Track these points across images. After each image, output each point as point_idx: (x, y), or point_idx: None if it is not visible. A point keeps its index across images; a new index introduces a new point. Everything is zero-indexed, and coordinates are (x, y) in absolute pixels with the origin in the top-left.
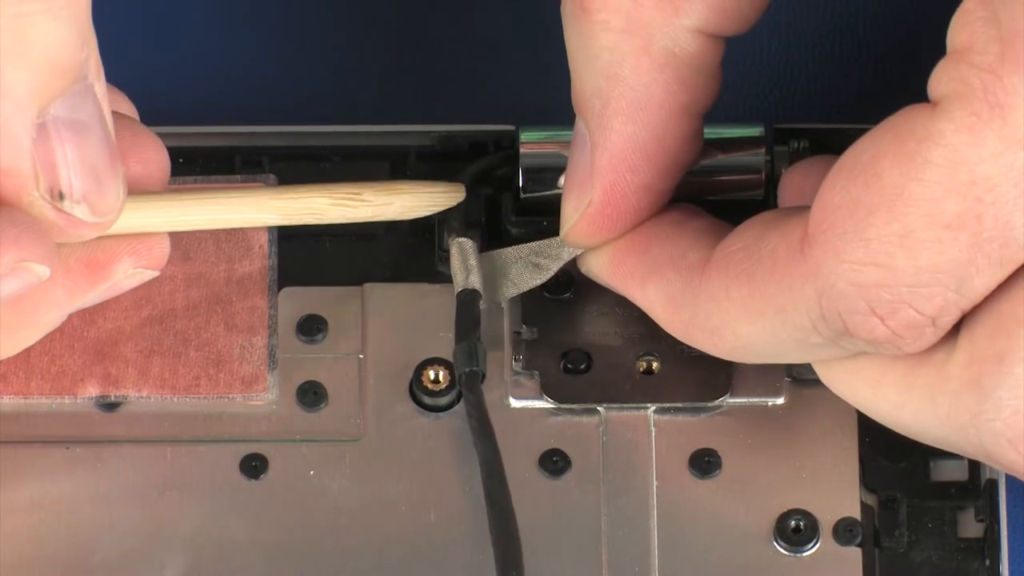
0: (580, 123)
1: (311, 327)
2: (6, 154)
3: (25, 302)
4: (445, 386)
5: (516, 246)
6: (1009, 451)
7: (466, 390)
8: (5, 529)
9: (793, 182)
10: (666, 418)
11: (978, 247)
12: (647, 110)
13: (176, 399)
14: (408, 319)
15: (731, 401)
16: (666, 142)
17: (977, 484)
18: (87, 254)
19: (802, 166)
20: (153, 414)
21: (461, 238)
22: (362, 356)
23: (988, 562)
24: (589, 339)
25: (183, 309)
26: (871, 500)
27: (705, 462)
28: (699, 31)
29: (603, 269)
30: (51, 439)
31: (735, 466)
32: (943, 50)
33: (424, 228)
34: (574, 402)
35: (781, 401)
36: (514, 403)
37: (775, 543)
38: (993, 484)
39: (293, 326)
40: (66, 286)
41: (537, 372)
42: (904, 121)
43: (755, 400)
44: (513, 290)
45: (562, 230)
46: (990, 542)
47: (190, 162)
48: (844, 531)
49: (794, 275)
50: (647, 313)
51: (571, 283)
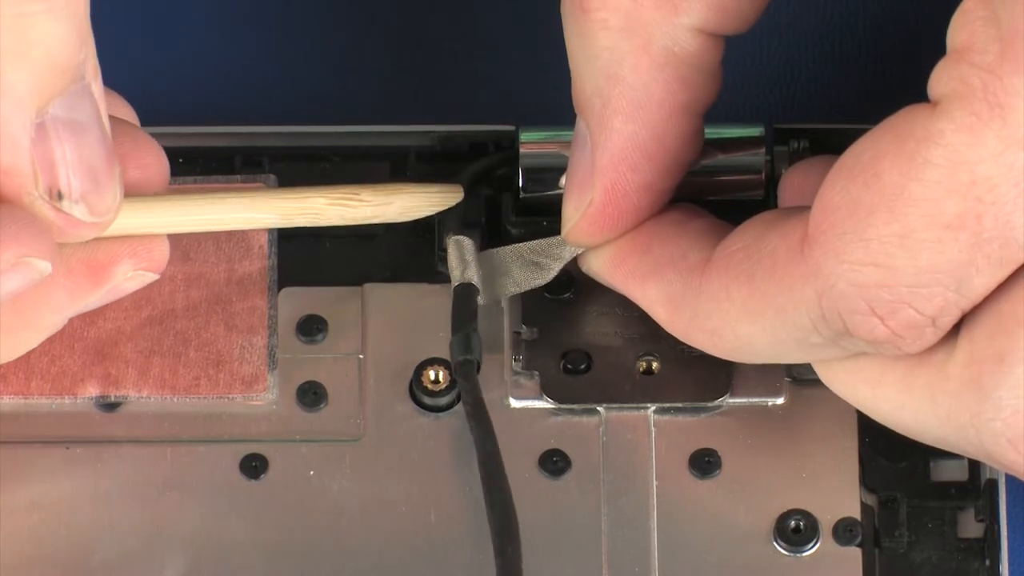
0: (581, 123)
1: (311, 327)
2: (5, 153)
3: (26, 303)
4: (445, 386)
5: (516, 244)
6: (1009, 451)
7: (461, 378)
8: (5, 529)
9: (793, 182)
10: (666, 418)
11: (978, 247)
12: (647, 109)
13: (176, 399)
14: (408, 319)
15: (731, 401)
16: (666, 141)
17: (977, 484)
18: (87, 256)
19: (802, 166)
20: (153, 414)
21: (458, 236)
22: (362, 356)
23: (988, 562)
24: (589, 339)
25: (183, 309)
26: (871, 500)
27: (705, 462)
28: (699, 30)
29: (604, 269)
30: (51, 439)
31: (735, 466)
32: (943, 50)
33: (424, 228)
34: (574, 402)
35: (781, 401)
36: (514, 403)
37: (775, 543)
38: (993, 484)
39: (293, 326)
40: (67, 288)
41: (537, 372)
42: (904, 121)
43: (755, 400)
44: (514, 288)
45: (563, 230)
46: (990, 542)
47: (190, 162)
48: (844, 531)
49: (794, 275)
50: (647, 313)
51: (571, 283)
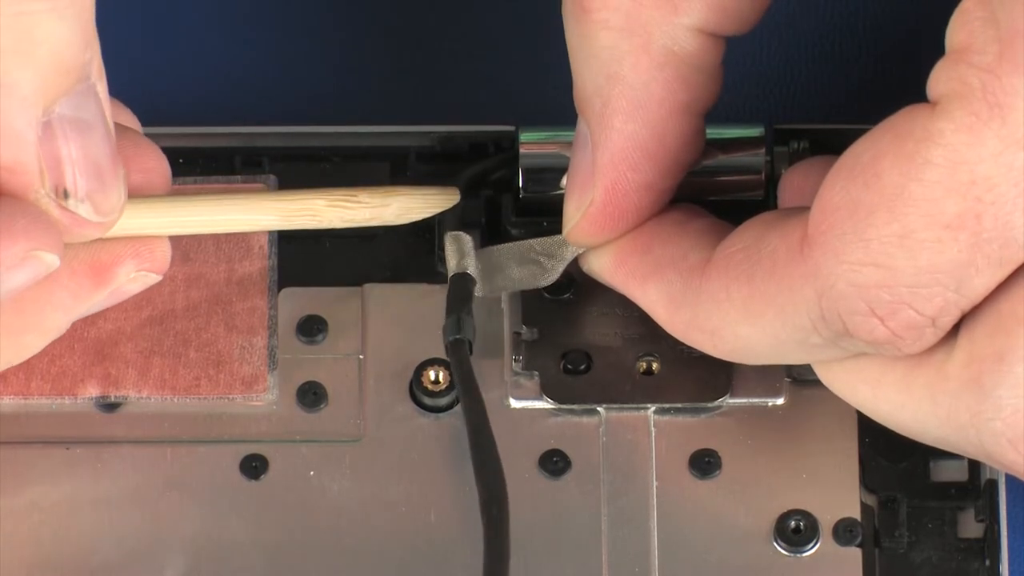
0: (582, 123)
1: (311, 327)
2: (12, 152)
3: (29, 304)
4: (445, 386)
5: (516, 242)
6: (1009, 451)
7: (451, 356)
8: (5, 530)
9: (793, 182)
10: (666, 418)
11: (978, 247)
12: (647, 108)
13: (176, 400)
14: (408, 319)
15: (731, 401)
16: (667, 141)
17: (977, 484)
18: (90, 257)
19: (802, 166)
20: (153, 415)
21: (456, 231)
22: (362, 356)
23: (988, 562)
24: (589, 339)
25: (183, 310)
26: (871, 500)
27: (705, 462)
28: (699, 30)
29: (605, 269)
30: (51, 440)
31: (735, 466)
32: (943, 50)
33: (424, 229)
34: (574, 402)
35: (781, 401)
36: (514, 403)
37: (775, 543)
38: (993, 484)
39: (293, 327)
40: (70, 289)
41: (537, 372)
42: (903, 121)
43: (755, 400)
44: (513, 285)
45: (564, 230)
46: (990, 542)
47: (190, 163)
48: (844, 531)
49: (794, 276)
50: (648, 313)
51: (571, 283)
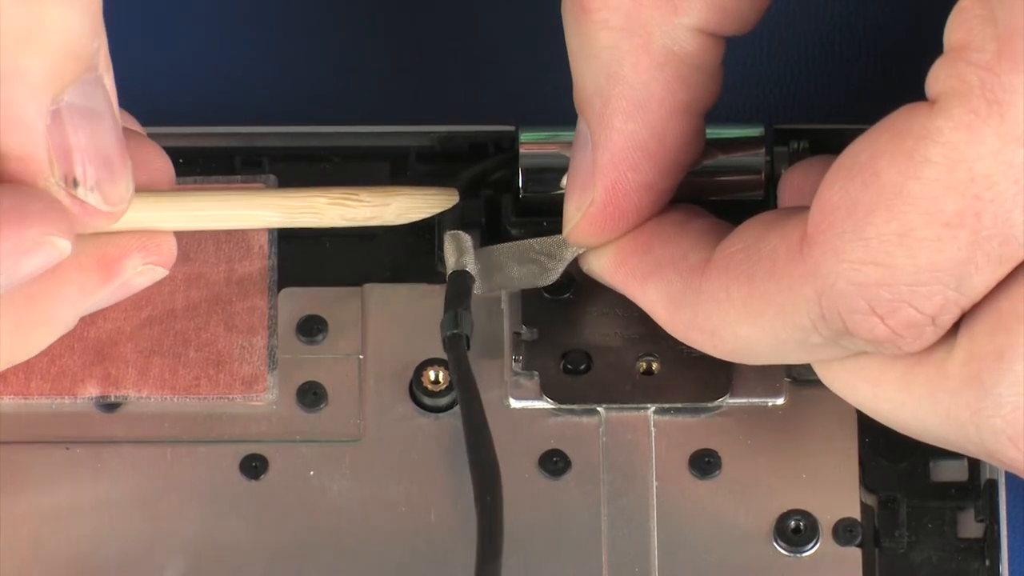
0: (582, 123)
1: (311, 327)
2: (21, 139)
3: (38, 296)
4: (445, 387)
5: (516, 241)
6: (1009, 448)
7: (448, 350)
8: (5, 530)
9: (793, 182)
10: (666, 418)
11: (977, 245)
12: (647, 108)
13: (176, 399)
14: (408, 319)
15: (731, 401)
16: (667, 140)
17: (977, 484)
18: (97, 250)
19: (802, 166)
20: (153, 414)
21: (455, 230)
22: (362, 356)
23: (988, 562)
24: (589, 339)
25: (183, 310)
26: (871, 500)
27: (705, 462)
28: (699, 30)
29: (605, 269)
30: (51, 439)
31: (735, 466)
32: (942, 49)
33: (424, 229)
34: (574, 402)
35: (781, 401)
36: (514, 404)
37: (775, 543)
38: (993, 484)
39: (293, 326)
40: (79, 282)
41: (537, 372)
42: (902, 120)
43: (755, 400)
44: (513, 284)
45: (565, 230)
46: (990, 542)
47: (190, 162)
48: (844, 531)
49: (794, 275)
50: (648, 313)
51: (571, 283)
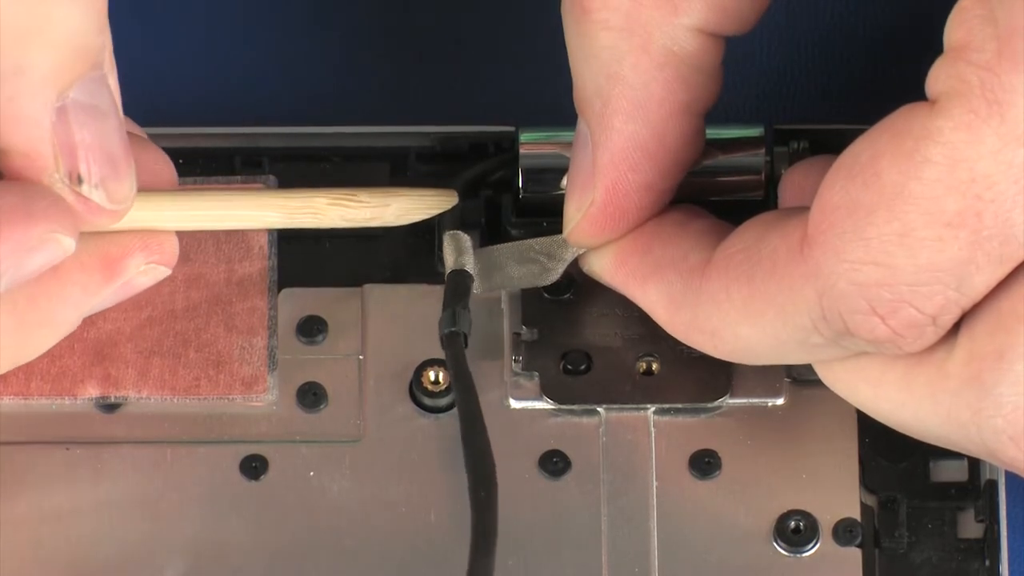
0: (582, 123)
1: (311, 328)
2: (27, 135)
3: (42, 296)
4: (445, 387)
5: (516, 242)
6: (1010, 447)
7: (446, 348)
8: (4, 530)
9: (793, 182)
10: (666, 419)
11: (978, 245)
12: (647, 108)
13: (176, 400)
14: (408, 320)
15: (731, 402)
16: (667, 141)
17: (977, 485)
18: (99, 250)
19: (802, 166)
20: (153, 415)
21: (454, 231)
22: (362, 357)
23: (988, 562)
24: (589, 340)
25: (183, 310)
26: (871, 500)
27: (705, 463)
28: (698, 30)
29: (605, 270)
30: (51, 440)
31: (735, 467)
32: (942, 49)
33: (424, 229)
34: (574, 403)
35: (781, 401)
36: (514, 404)
37: (775, 544)
38: (993, 485)
39: (293, 327)
40: (81, 282)
41: (537, 373)
42: (902, 120)
43: (755, 401)
44: (512, 283)
45: (565, 230)
46: (990, 542)
47: (190, 163)
48: (844, 532)
49: (794, 276)
50: (648, 314)
51: (571, 283)
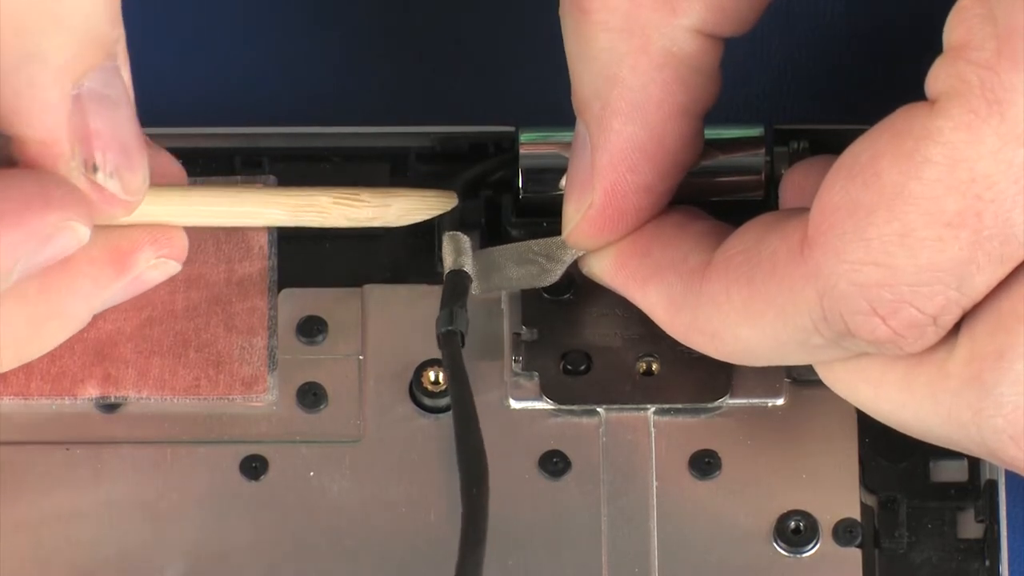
0: (580, 125)
1: (311, 328)
2: (43, 123)
3: (53, 289)
4: (445, 387)
5: (516, 243)
6: (1011, 447)
7: (443, 347)
8: (4, 530)
9: (794, 182)
10: (666, 419)
11: (978, 245)
12: (646, 110)
13: (176, 400)
14: (408, 320)
15: (731, 402)
16: (666, 142)
17: (977, 485)
18: (109, 244)
19: (802, 166)
20: (153, 415)
21: (454, 231)
22: (362, 357)
23: (988, 563)
24: (589, 340)
25: (183, 310)
26: (871, 501)
27: (705, 463)
28: (697, 31)
29: (605, 272)
30: (51, 440)
31: (735, 467)
32: (942, 50)
33: (424, 229)
34: (574, 403)
35: (781, 402)
36: (514, 404)
37: (775, 544)
38: (993, 485)
39: (293, 327)
40: (92, 275)
41: (537, 373)
42: (902, 120)
43: (755, 401)
44: (511, 284)
45: (564, 232)
46: (990, 543)
47: (190, 163)
48: (844, 532)
49: (794, 277)
50: (648, 315)
51: (571, 284)
